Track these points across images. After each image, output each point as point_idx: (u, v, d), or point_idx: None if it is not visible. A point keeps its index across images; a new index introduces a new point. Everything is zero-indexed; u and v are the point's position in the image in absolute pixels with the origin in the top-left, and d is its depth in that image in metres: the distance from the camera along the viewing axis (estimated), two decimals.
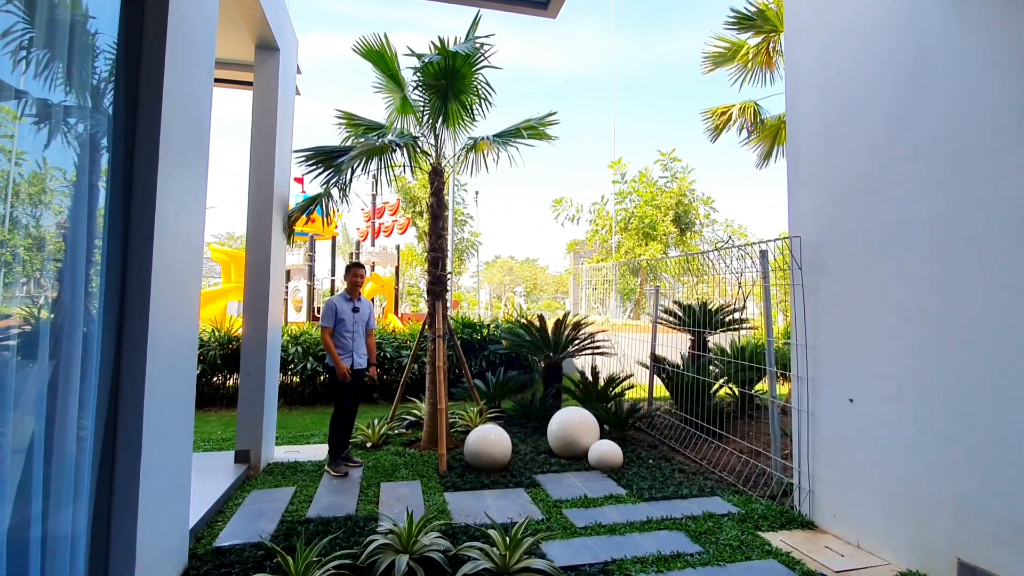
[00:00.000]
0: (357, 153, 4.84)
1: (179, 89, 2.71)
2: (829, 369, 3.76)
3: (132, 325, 2.44)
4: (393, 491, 4.26)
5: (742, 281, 5.35)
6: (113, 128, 2.40)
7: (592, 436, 5.24)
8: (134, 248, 2.46)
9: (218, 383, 7.64)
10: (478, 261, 32.13)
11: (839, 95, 3.76)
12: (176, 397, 2.83)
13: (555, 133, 6.08)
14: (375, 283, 15.94)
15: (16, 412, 1.86)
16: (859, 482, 3.49)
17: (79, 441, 2.14)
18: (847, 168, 3.67)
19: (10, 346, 1.90)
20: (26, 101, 1.98)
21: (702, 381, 5.78)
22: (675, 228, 18.45)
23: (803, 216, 4.05)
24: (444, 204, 5.88)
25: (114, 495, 2.39)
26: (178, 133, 2.72)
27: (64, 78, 2.09)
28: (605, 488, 4.37)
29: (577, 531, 3.53)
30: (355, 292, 4.96)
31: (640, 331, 8.35)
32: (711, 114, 9.25)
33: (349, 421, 4.91)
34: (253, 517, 3.72)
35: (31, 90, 1.98)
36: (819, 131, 3.92)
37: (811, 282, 3.90)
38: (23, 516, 1.89)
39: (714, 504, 4.05)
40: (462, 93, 5.55)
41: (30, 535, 1.92)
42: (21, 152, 1.98)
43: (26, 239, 2.08)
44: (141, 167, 2.49)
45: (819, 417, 3.82)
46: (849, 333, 3.60)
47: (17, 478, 1.88)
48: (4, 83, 1.89)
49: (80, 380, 2.13)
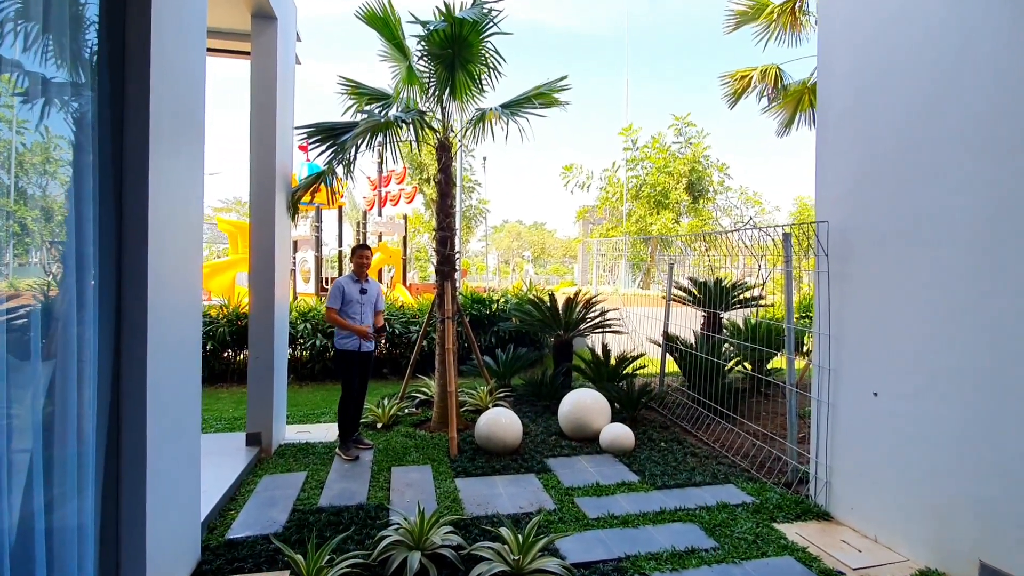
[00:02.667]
0: (360, 131, 4.62)
1: (168, 59, 2.53)
2: (853, 361, 3.62)
3: (130, 309, 2.34)
4: (404, 477, 4.26)
5: (761, 262, 5.15)
6: (98, 103, 2.24)
7: (604, 418, 5.19)
8: (128, 227, 2.34)
9: (229, 359, 7.65)
10: (486, 227, 31.86)
11: (875, 64, 3.48)
12: (181, 382, 2.76)
13: (565, 98, 5.81)
14: (383, 253, 15.83)
15: (8, 402, 1.78)
16: (879, 476, 3.41)
17: (79, 432, 2.08)
18: (881, 148, 3.43)
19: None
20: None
21: (716, 363, 5.68)
22: (688, 196, 18.02)
23: (831, 199, 3.83)
24: (452, 181, 5.68)
25: (121, 487, 2.35)
26: (170, 104, 2.55)
27: (41, 47, 1.94)
28: (617, 474, 4.34)
29: (590, 523, 3.50)
30: (362, 273, 4.85)
31: (650, 304, 8.22)
32: (730, 78, 8.82)
33: (358, 403, 4.88)
34: (265, 505, 3.73)
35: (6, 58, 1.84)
36: (851, 107, 3.66)
37: (837, 270, 3.72)
38: (26, 511, 1.85)
39: (728, 493, 4.01)
40: (469, 63, 5.26)
41: (34, 529, 1.87)
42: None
43: (8, 220, 1.98)
44: (132, 143, 2.34)
45: (840, 408, 3.72)
46: (876, 324, 3.45)
47: (18, 471, 1.82)
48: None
49: (77, 366, 2.06)
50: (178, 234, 2.69)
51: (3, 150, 1.90)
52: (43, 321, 1.96)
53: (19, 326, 1.87)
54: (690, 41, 73.77)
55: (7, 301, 1.91)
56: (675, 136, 18.77)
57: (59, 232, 2.16)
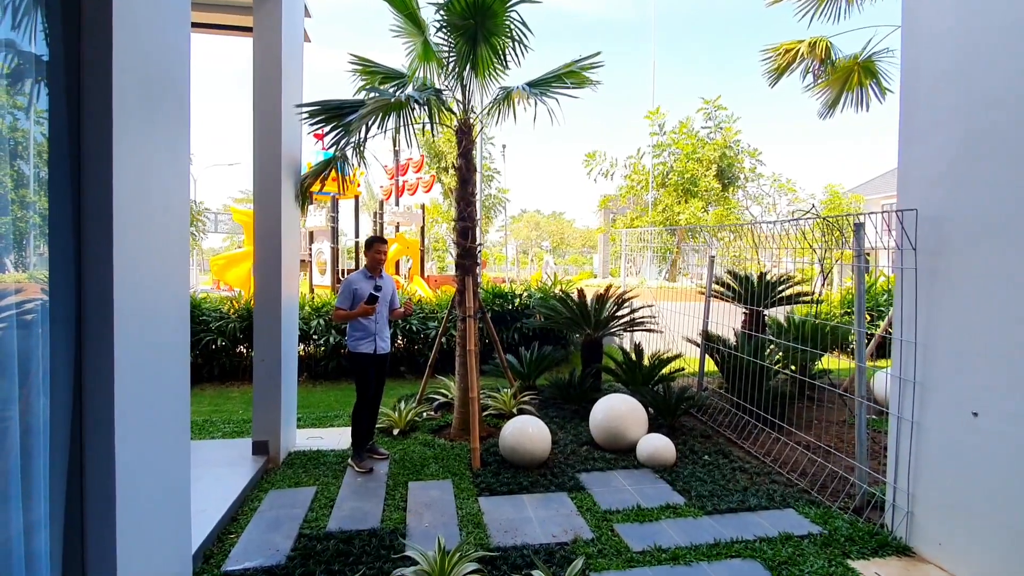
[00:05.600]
0: (368, 111, 4.16)
1: (137, 27, 2.10)
2: (946, 373, 3.08)
3: (92, 313, 1.93)
4: (422, 494, 3.85)
5: (824, 257, 4.60)
6: (49, 67, 1.83)
7: (640, 428, 4.72)
8: (88, 216, 1.92)
9: (241, 355, 7.34)
10: (505, 216, 31.34)
11: (987, 17, 2.90)
12: (161, 394, 2.34)
13: (596, 77, 5.29)
14: (400, 244, 15.47)
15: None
16: (977, 509, 2.88)
17: (25, 449, 1.69)
18: (988, 121, 2.86)
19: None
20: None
21: (761, 365, 5.15)
22: (717, 183, 17.21)
23: (919, 183, 3.26)
24: (473, 166, 5.20)
25: (86, 516, 1.97)
26: (141, 71, 2.12)
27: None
28: (659, 494, 3.87)
29: (634, 557, 3.04)
30: (376, 270, 4.42)
31: (682, 298, 7.67)
32: (772, 52, 8.13)
33: (373, 410, 4.49)
34: (269, 528, 3.35)
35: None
36: (950, 71, 3.08)
37: (928, 265, 3.17)
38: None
39: (789, 519, 3.51)
40: (493, 35, 4.76)
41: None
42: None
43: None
44: (92, 113, 1.92)
45: (927, 428, 3.18)
46: (977, 333, 2.90)
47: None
48: None
49: (19, 378, 1.66)
50: (155, 224, 2.28)
51: None
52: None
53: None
54: (719, 25, 71.63)
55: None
56: (704, 121, 17.93)
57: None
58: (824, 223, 4.58)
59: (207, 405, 6.21)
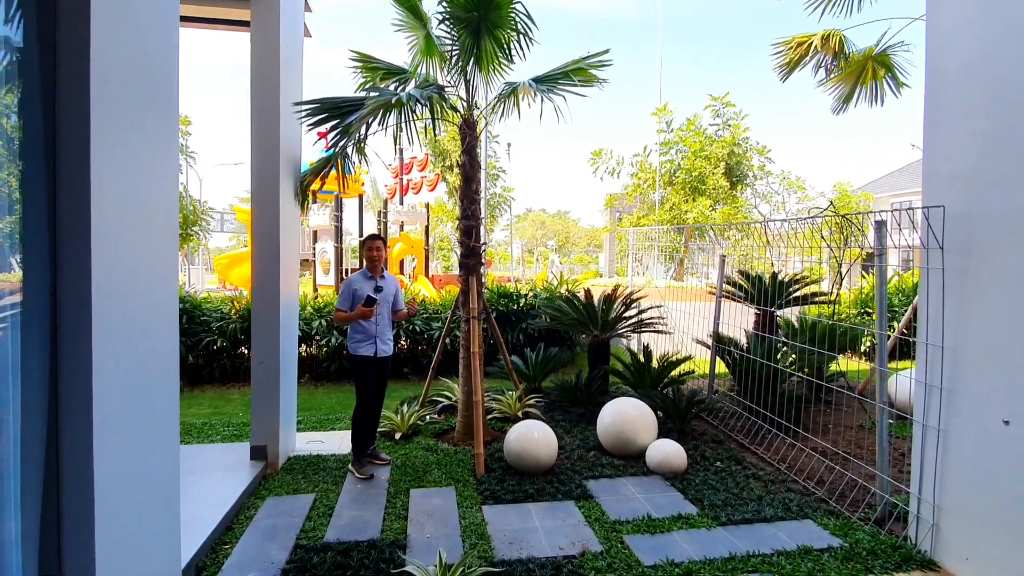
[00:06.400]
0: (368, 111, 4.02)
1: (119, 15, 1.98)
2: (975, 379, 2.92)
3: (69, 316, 1.81)
4: (424, 502, 3.72)
5: (838, 256, 4.43)
6: (23, 54, 1.71)
7: (650, 433, 4.57)
8: (65, 215, 1.80)
9: (242, 356, 7.23)
10: (510, 215, 31.18)
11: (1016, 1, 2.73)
12: (148, 401, 2.21)
13: (604, 75, 5.13)
14: (404, 243, 15.38)
15: None
16: (1006, 522, 2.72)
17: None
18: (1021, 112, 2.69)
19: None
20: None
21: (773, 368, 4.98)
22: (725, 181, 16.97)
23: (945, 179, 3.10)
24: (477, 163, 5.07)
25: (63, 531, 1.86)
26: (123, 60, 2.00)
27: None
28: (671, 503, 3.72)
29: (646, 572, 2.89)
30: (376, 269, 4.29)
31: (689, 298, 7.51)
32: (783, 46, 7.94)
33: (374, 415, 4.36)
34: (265, 538, 3.23)
35: None
36: (978, 60, 2.91)
37: (956, 265, 3.00)
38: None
39: (807, 531, 3.35)
40: (498, 27, 4.62)
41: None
42: None
43: None
44: (67, 103, 1.80)
45: (955, 436, 3.02)
46: (1010, 336, 2.73)
47: None
48: None
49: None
50: (140, 225, 2.16)
51: None
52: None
53: None
54: (726, 21, 71.12)
55: None
56: (712, 118, 17.69)
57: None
58: (842, 221, 4.41)
59: (207, 407, 6.11)
